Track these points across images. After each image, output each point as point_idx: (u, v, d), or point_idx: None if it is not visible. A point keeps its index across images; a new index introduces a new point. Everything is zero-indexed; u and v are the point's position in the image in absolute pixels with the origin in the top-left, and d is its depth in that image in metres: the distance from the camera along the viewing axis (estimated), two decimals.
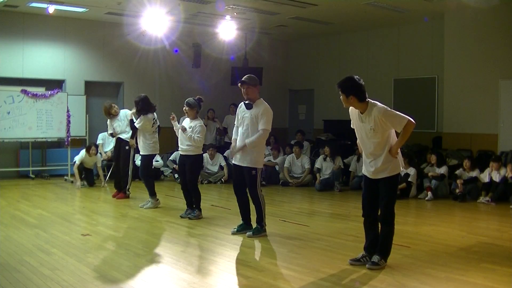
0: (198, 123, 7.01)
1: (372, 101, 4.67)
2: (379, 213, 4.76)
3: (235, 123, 6.18)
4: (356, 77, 4.68)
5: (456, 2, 10.08)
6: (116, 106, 9.00)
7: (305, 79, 14.84)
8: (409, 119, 4.55)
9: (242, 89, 5.91)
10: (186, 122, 7.10)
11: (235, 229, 6.14)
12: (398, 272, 4.59)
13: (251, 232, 5.90)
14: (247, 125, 5.89)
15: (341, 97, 4.69)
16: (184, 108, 7.02)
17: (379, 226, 4.79)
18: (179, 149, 7.17)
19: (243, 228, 6.12)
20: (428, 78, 11.94)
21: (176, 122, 7.25)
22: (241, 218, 6.18)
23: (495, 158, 9.06)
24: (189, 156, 7.01)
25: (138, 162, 10.75)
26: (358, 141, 4.88)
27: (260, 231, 5.92)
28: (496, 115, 10.32)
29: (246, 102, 5.94)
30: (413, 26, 12.20)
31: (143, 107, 7.87)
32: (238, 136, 6.01)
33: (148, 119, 7.85)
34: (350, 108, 4.77)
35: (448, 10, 10.81)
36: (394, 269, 4.65)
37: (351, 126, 4.90)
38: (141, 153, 7.88)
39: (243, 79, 5.93)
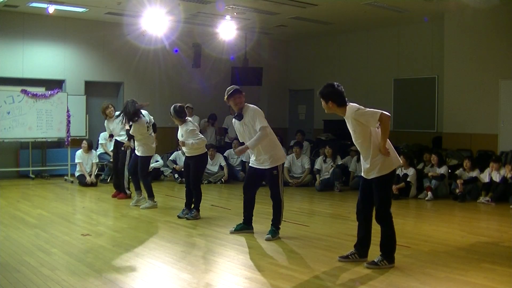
0: (186, 128, 7.01)
1: (351, 104, 4.71)
2: (373, 214, 4.79)
3: (239, 139, 6.15)
4: (335, 83, 4.76)
5: (456, 2, 10.08)
6: (111, 108, 8.91)
7: (305, 79, 14.83)
8: (381, 112, 4.55)
9: (231, 103, 5.88)
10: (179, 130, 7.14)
11: (233, 229, 6.17)
12: (398, 272, 4.59)
13: (269, 235, 5.83)
14: (247, 134, 5.86)
15: (322, 104, 4.78)
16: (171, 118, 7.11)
17: (376, 226, 4.81)
18: (184, 151, 7.17)
19: (242, 228, 6.15)
20: (428, 78, 11.94)
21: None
22: (242, 218, 6.18)
23: (495, 158, 9.06)
24: (193, 156, 7.04)
25: (154, 164, 10.80)
26: None
27: (276, 233, 5.89)
28: (496, 115, 10.32)
29: (235, 115, 5.94)
30: (413, 26, 12.20)
31: (131, 115, 7.57)
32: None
33: (141, 124, 7.65)
34: None
35: (448, 10, 10.81)
36: (394, 269, 4.65)
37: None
38: (138, 154, 7.83)
39: (229, 92, 5.89)
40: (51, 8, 10.21)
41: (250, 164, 6.11)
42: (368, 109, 4.64)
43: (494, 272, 4.62)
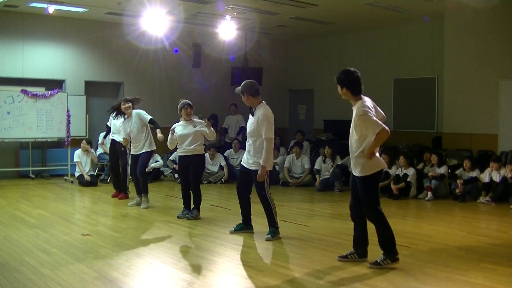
0: (198, 120, 7.06)
1: (365, 99, 4.68)
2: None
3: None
4: (352, 69, 4.71)
5: (456, 2, 10.08)
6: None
7: (305, 79, 14.84)
8: (383, 128, 4.50)
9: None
10: (181, 124, 7.11)
11: (233, 228, 6.18)
12: (398, 272, 4.59)
13: (269, 235, 5.81)
14: (250, 129, 5.85)
15: (338, 89, 4.74)
16: (187, 110, 7.05)
17: (372, 225, 4.82)
18: (181, 151, 7.11)
19: (241, 228, 6.15)
20: (428, 78, 11.94)
21: (175, 135, 7.19)
22: (241, 218, 6.19)
23: (495, 158, 9.06)
24: (194, 156, 6.99)
25: (154, 164, 10.78)
26: None
27: (276, 233, 5.86)
28: (496, 115, 10.32)
29: (251, 109, 5.89)
30: (413, 26, 12.20)
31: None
32: (246, 143, 6.01)
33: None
34: None
35: (448, 10, 10.81)
36: (394, 269, 4.65)
37: None
38: (143, 151, 7.80)
39: (241, 86, 5.86)
40: (51, 8, 10.21)
41: (241, 163, 6.10)
42: (375, 118, 4.55)
43: (494, 272, 4.62)
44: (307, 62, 14.78)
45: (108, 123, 9.12)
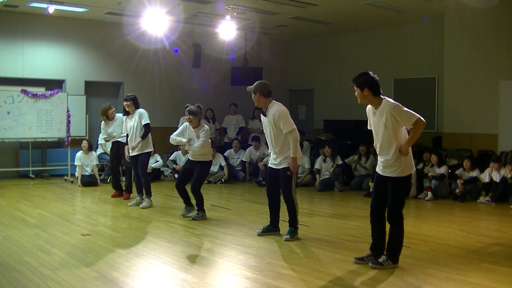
0: (202, 131, 6.96)
1: (387, 98, 4.69)
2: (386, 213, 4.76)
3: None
4: (370, 72, 4.74)
5: (456, 2, 10.08)
6: (113, 109, 8.91)
7: (305, 79, 14.84)
8: (419, 117, 4.55)
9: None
10: (190, 130, 7.04)
11: (260, 230, 6.08)
12: (398, 272, 4.59)
13: (288, 236, 5.79)
14: (269, 132, 5.87)
15: (356, 93, 4.72)
16: (187, 117, 6.98)
17: (387, 226, 4.79)
18: (190, 154, 7.08)
19: (269, 229, 6.06)
20: (428, 78, 11.94)
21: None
22: (269, 220, 6.11)
23: (495, 158, 9.06)
24: (199, 162, 6.96)
25: (154, 164, 10.77)
26: (374, 142, 4.89)
27: (294, 233, 5.84)
28: (496, 115, 10.32)
29: (263, 110, 5.92)
30: (413, 26, 12.20)
31: (137, 104, 7.94)
32: (269, 144, 6.01)
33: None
34: (367, 107, 4.79)
35: (448, 10, 10.81)
36: (395, 269, 4.65)
37: (368, 127, 4.91)
38: (140, 152, 7.80)
39: (253, 85, 5.90)
40: (51, 8, 10.20)
41: (269, 165, 6.07)
42: (408, 109, 4.60)
43: (494, 272, 4.63)
44: (307, 62, 14.78)
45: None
